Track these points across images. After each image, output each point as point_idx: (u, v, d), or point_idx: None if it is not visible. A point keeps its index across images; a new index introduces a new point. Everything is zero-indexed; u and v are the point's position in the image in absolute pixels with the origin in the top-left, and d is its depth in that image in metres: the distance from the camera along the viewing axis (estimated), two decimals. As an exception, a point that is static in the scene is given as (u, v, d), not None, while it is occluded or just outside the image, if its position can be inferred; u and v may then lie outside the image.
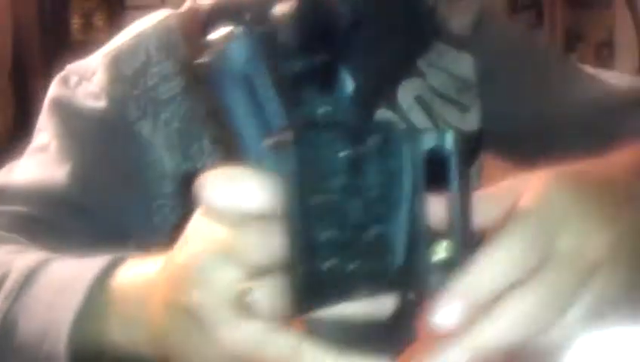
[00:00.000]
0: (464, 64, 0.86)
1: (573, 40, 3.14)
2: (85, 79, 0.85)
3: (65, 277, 0.63)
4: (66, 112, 0.84)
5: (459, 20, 0.87)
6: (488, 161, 0.84)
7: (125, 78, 0.84)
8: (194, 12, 0.88)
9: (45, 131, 0.84)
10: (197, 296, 0.50)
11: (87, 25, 3.10)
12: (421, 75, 0.85)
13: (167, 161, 0.82)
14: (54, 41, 2.90)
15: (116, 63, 0.85)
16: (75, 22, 3.11)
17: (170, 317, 0.53)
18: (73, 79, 0.86)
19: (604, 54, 3.12)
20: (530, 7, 3.31)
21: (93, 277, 0.60)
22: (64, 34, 3.03)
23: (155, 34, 0.87)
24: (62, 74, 0.87)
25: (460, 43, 0.86)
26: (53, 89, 0.86)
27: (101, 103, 0.83)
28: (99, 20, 3.09)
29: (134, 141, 0.83)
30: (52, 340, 0.61)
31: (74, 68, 0.87)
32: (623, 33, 3.01)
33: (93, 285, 0.60)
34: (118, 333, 0.59)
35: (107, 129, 0.83)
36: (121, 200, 0.81)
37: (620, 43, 3.08)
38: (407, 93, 0.84)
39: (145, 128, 0.83)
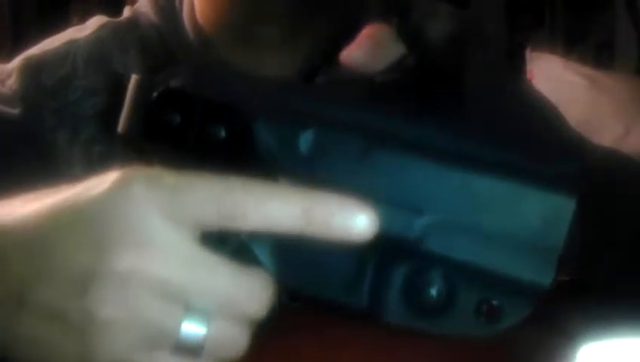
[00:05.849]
0: None
1: (573, 40, 3.14)
2: None
3: None
4: None
5: (433, 29, 0.86)
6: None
7: (44, 88, 0.80)
8: (131, 25, 0.84)
9: None
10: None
11: (87, 25, 3.10)
12: None
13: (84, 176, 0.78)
14: (54, 41, 2.90)
15: (35, 71, 0.81)
16: (75, 22, 3.10)
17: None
18: None
19: (604, 55, 3.12)
20: (529, 7, 3.31)
21: None
22: (64, 34, 3.02)
23: (85, 45, 0.83)
24: None
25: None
26: None
27: (13, 109, 0.79)
28: (99, 20, 3.09)
29: (49, 150, 0.78)
30: None
31: None
32: (623, 34, 3.00)
33: None
34: None
35: (18, 134, 0.79)
36: None
37: (620, 43, 3.08)
38: None
39: (62, 138, 0.79)
